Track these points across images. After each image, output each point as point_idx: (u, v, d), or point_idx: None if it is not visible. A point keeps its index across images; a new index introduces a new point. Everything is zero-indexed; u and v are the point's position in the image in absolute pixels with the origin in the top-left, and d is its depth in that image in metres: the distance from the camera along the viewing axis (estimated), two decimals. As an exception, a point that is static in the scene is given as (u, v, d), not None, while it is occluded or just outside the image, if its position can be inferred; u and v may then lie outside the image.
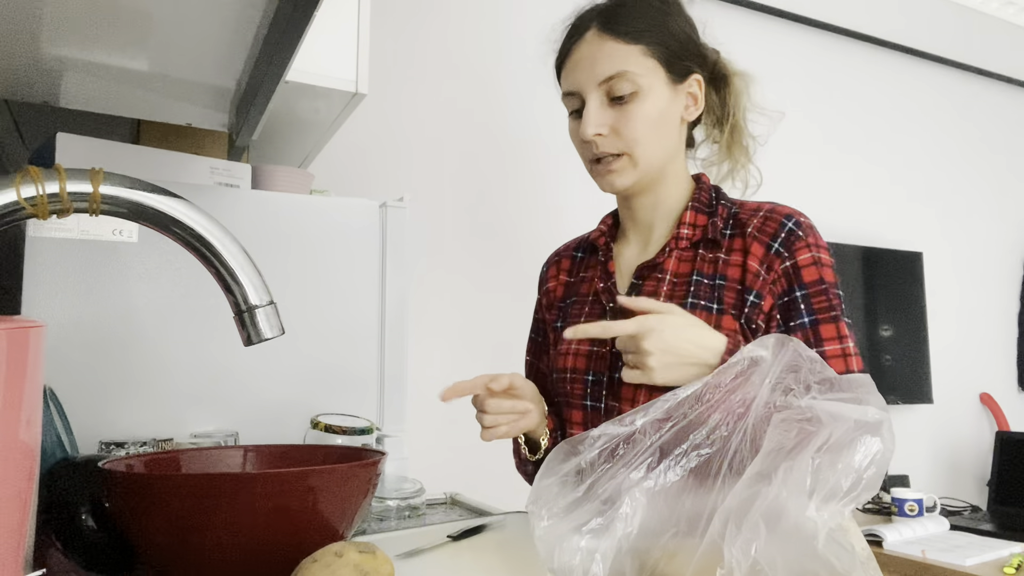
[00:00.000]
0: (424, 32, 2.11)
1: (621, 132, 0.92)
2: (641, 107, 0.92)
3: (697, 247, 0.96)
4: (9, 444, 0.41)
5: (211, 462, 0.79)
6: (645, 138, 0.93)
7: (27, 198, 0.53)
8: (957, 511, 2.64)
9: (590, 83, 0.93)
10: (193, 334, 1.12)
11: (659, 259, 0.97)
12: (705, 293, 0.92)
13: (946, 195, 3.16)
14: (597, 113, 0.93)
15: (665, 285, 0.95)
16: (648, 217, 1.01)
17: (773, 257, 0.90)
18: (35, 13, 0.82)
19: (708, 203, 0.98)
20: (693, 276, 0.94)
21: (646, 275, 0.97)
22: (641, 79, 0.92)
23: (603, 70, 0.92)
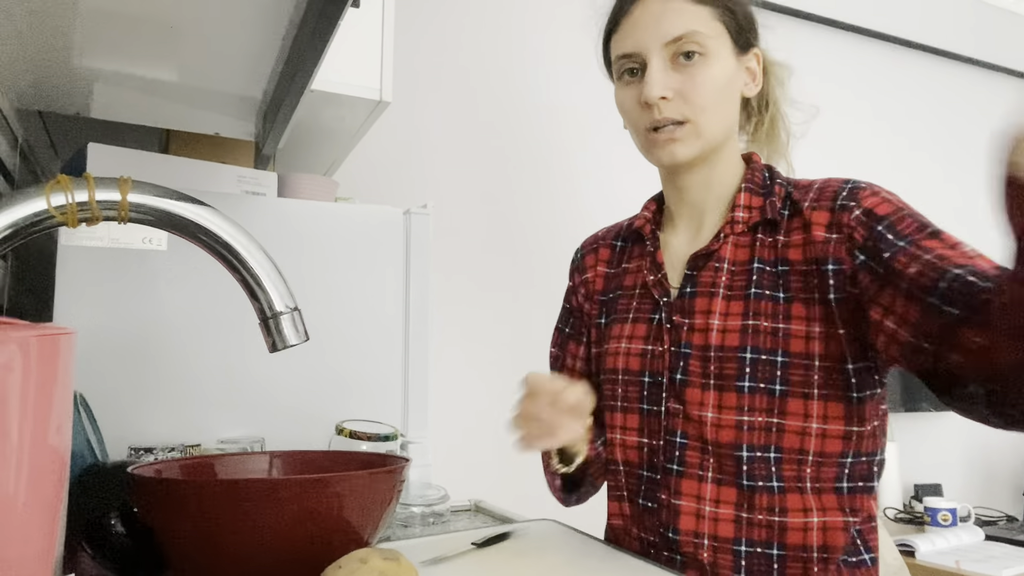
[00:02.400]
0: (447, 40, 2.12)
1: (688, 97, 0.85)
2: (709, 71, 0.85)
3: (755, 231, 0.88)
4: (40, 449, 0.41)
5: (238, 468, 0.79)
6: (712, 105, 0.86)
7: (57, 206, 0.54)
8: (992, 521, 2.58)
9: (654, 43, 0.85)
10: (220, 341, 1.13)
11: (714, 246, 0.88)
12: (768, 281, 0.84)
13: (976, 195, 3.10)
14: (662, 74, 0.85)
15: (724, 275, 0.87)
16: (700, 199, 0.93)
17: (839, 214, 0.81)
18: (68, 27, 0.84)
19: (762, 184, 0.90)
20: (754, 263, 0.86)
21: (701, 265, 0.89)
22: (710, 41, 0.85)
23: (670, 29, 0.85)
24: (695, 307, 0.87)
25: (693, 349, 0.86)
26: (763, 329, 0.82)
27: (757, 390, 0.81)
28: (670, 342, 0.88)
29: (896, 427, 2.69)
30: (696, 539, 0.84)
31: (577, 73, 2.24)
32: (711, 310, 0.86)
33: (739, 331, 0.83)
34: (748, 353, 0.82)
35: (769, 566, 0.81)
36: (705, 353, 0.85)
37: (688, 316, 0.88)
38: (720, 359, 0.84)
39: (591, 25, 0.96)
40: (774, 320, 0.82)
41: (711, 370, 0.84)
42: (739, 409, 0.82)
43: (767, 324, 0.82)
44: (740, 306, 0.84)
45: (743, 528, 0.82)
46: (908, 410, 2.66)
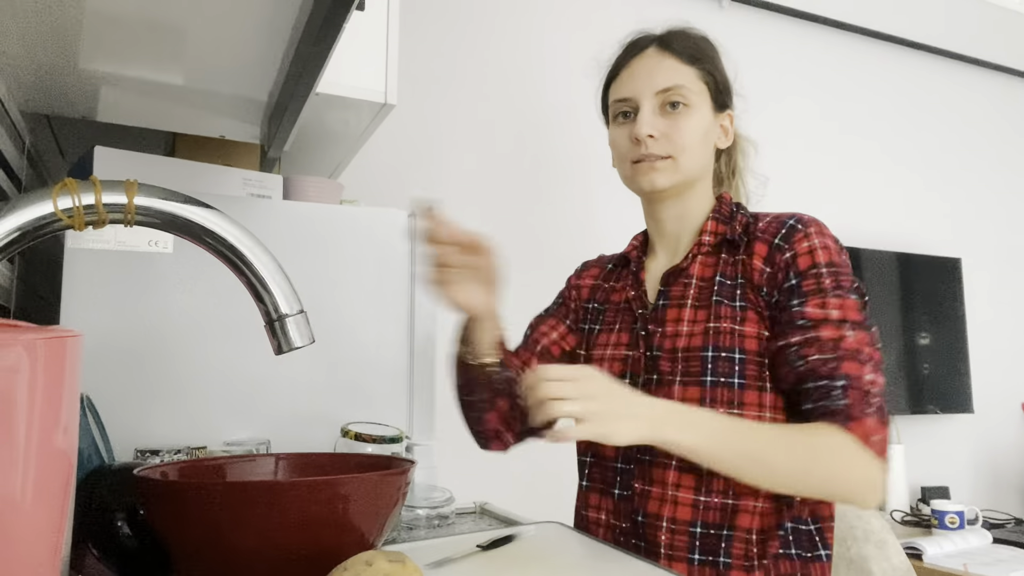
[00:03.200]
0: (452, 42, 2.12)
1: (671, 137, 0.99)
2: (690, 120, 1.00)
3: (720, 252, 1.00)
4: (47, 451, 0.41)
5: (243, 470, 0.79)
6: (690, 147, 1.00)
7: (64, 209, 0.54)
8: (1000, 524, 2.57)
9: (647, 91, 1.00)
10: (226, 343, 1.13)
11: (684, 264, 1.02)
12: (728, 292, 0.96)
13: (984, 199, 3.09)
14: (652, 117, 1.00)
15: (692, 288, 1.00)
16: (675, 228, 1.06)
17: (775, 252, 0.94)
18: (74, 31, 0.84)
19: (728, 214, 1.03)
20: (717, 278, 0.98)
21: (672, 280, 1.02)
22: (693, 96, 1.00)
23: (661, 81, 1.00)
24: (666, 316, 1.00)
25: (663, 352, 0.97)
26: (723, 330, 0.94)
27: (719, 384, 0.92)
28: (644, 347, 1.00)
29: (903, 430, 2.68)
30: (657, 522, 0.93)
31: (582, 76, 2.24)
32: (680, 318, 0.98)
33: (703, 333, 0.95)
34: (710, 351, 0.93)
35: (717, 546, 0.90)
36: (673, 355, 0.96)
37: (660, 324, 1.00)
38: (686, 358, 0.95)
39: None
40: (733, 323, 0.94)
41: (679, 368, 0.95)
42: (702, 401, 0.92)
43: (727, 326, 0.94)
44: (704, 313, 0.96)
45: (699, 512, 0.91)
46: (914, 412, 2.65)
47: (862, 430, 0.83)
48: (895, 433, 2.67)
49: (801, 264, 0.92)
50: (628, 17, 1.06)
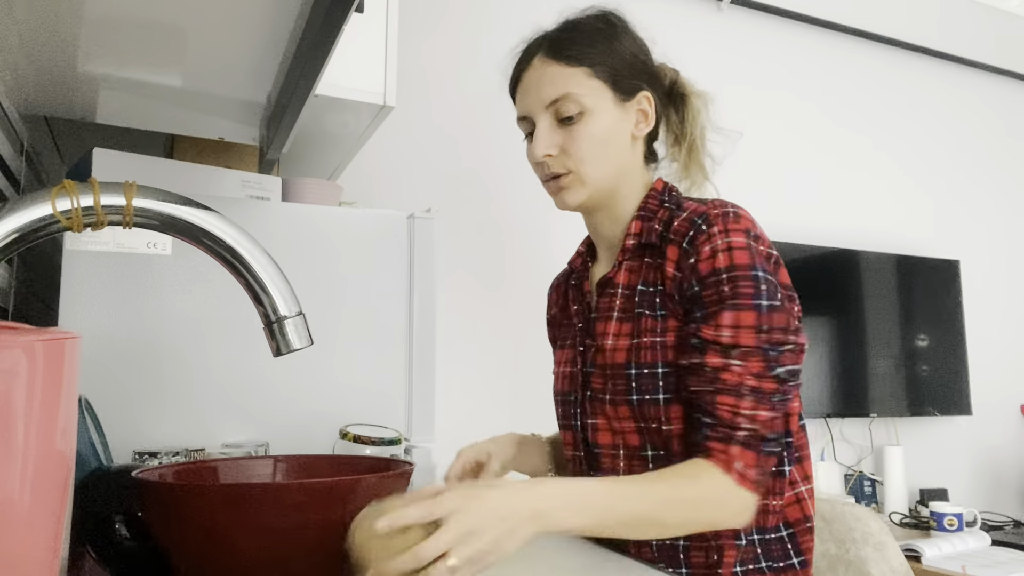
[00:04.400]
0: (450, 44, 2.13)
1: (569, 151, 0.94)
2: (587, 127, 0.93)
3: (643, 255, 0.95)
4: (45, 453, 0.41)
5: (242, 472, 0.79)
6: (591, 156, 0.94)
7: (62, 211, 0.54)
8: (999, 526, 2.57)
9: (538, 106, 0.96)
10: (225, 345, 1.13)
11: (611, 273, 0.97)
12: (648, 301, 0.92)
13: (983, 202, 3.10)
14: (546, 134, 0.95)
15: (618, 299, 0.95)
16: (609, 233, 1.01)
17: (682, 258, 0.88)
18: (73, 33, 0.84)
19: (654, 209, 0.97)
20: (639, 286, 0.93)
21: (602, 291, 0.98)
22: (585, 99, 0.93)
23: (548, 93, 0.94)
24: (596, 330, 0.96)
25: (595, 368, 0.95)
26: (644, 345, 0.89)
27: (644, 401, 0.89)
28: (583, 363, 0.98)
29: (902, 431, 2.68)
30: None
31: (581, 77, 2.25)
32: (607, 331, 0.95)
33: (627, 349, 0.91)
34: (633, 368, 0.90)
35: (676, 556, 0.88)
36: (604, 371, 0.93)
37: (593, 338, 0.97)
38: (613, 376, 0.92)
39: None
40: (653, 335, 0.89)
41: (608, 386, 0.92)
42: (634, 419, 0.90)
43: (647, 340, 0.89)
44: (629, 327, 0.92)
45: None
46: (914, 414, 2.65)
47: (725, 460, 0.80)
48: (895, 435, 2.67)
49: (702, 270, 0.86)
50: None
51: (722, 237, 0.86)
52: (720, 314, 0.83)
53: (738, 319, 0.83)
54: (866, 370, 2.57)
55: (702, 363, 0.83)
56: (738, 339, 0.82)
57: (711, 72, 2.40)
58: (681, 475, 0.80)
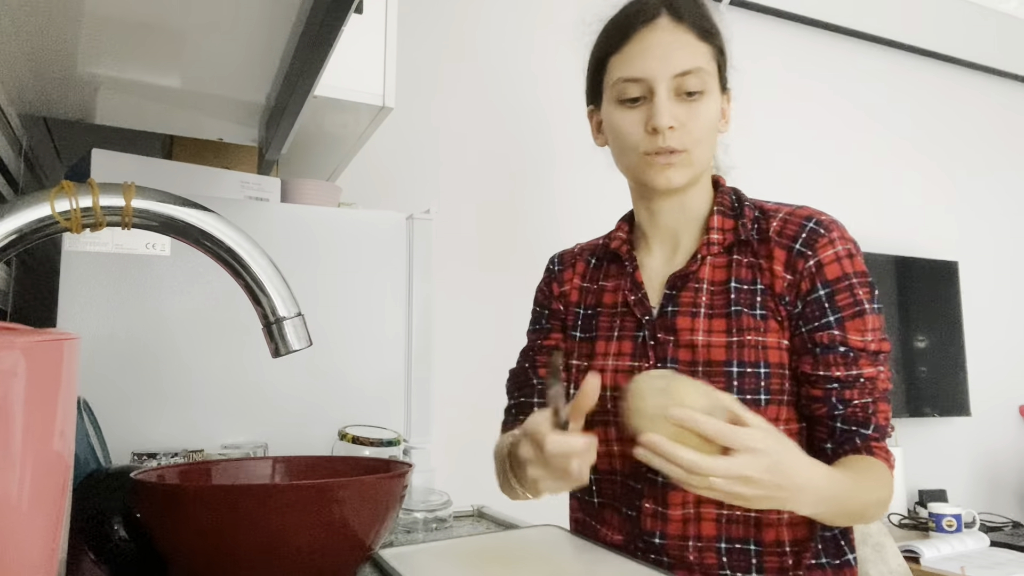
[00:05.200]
0: (450, 46, 2.13)
1: (688, 128, 0.89)
2: (707, 107, 0.89)
3: (731, 252, 0.93)
4: (43, 454, 0.41)
5: (240, 473, 0.79)
6: (705, 139, 0.90)
7: (61, 212, 0.54)
8: (997, 527, 2.57)
9: (664, 73, 0.88)
10: (223, 346, 1.13)
11: (692, 267, 0.93)
12: (747, 299, 0.89)
13: (982, 203, 3.10)
14: (669, 105, 0.88)
15: (703, 295, 0.91)
16: (673, 223, 0.97)
17: (796, 259, 0.88)
18: (72, 34, 0.84)
19: (732, 206, 0.96)
20: (731, 283, 0.90)
21: (680, 285, 0.93)
22: (709, 79, 0.90)
23: (680, 62, 0.88)
24: (677, 325, 0.91)
25: (680, 364, 0.89)
26: (747, 343, 0.87)
27: (745, 401, 0.85)
28: (655, 358, 0.92)
29: (901, 432, 2.68)
30: (682, 541, 0.88)
31: (580, 79, 2.25)
32: (695, 328, 0.90)
33: (724, 346, 0.88)
34: (735, 367, 0.87)
35: (748, 561, 0.87)
36: (692, 368, 0.89)
37: (671, 333, 0.91)
38: (708, 373, 0.88)
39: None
40: (756, 334, 0.88)
41: None
42: None
43: (751, 338, 0.88)
44: (723, 323, 0.89)
45: (723, 526, 0.87)
46: (912, 415, 2.66)
47: (886, 457, 0.86)
48: (894, 436, 2.67)
49: (829, 274, 0.86)
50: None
51: (843, 243, 0.88)
52: (862, 318, 0.86)
53: (876, 323, 0.87)
54: (865, 371, 2.57)
55: (859, 374, 0.85)
56: (880, 345, 0.87)
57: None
58: (874, 474, 0.83)
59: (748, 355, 0.87)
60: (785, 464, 0.72)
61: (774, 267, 0.89)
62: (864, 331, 0.86)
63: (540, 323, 1.09)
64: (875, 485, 0.83)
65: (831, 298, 0.86)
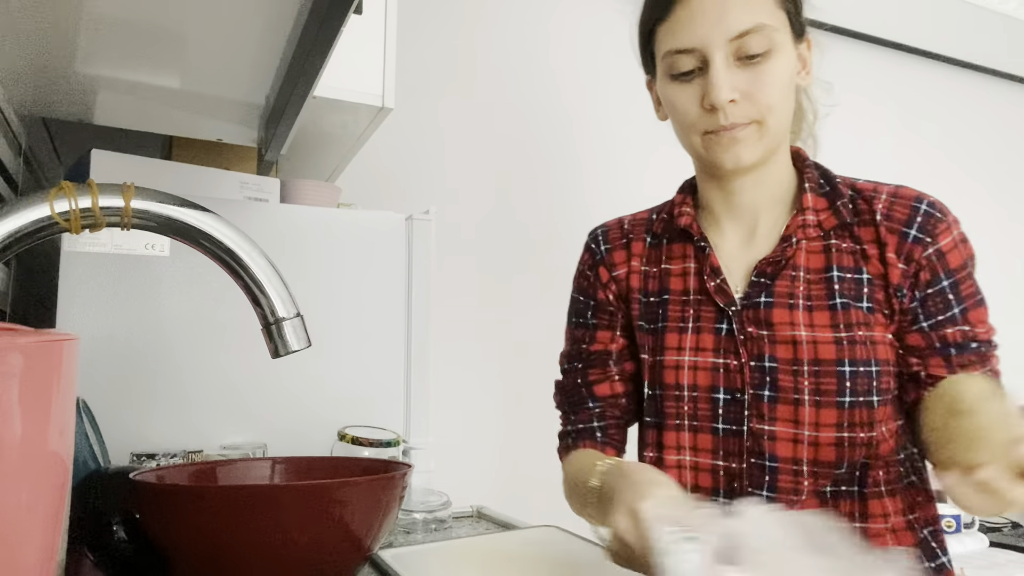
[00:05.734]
0: (449, 46, 2.13)
1: (755, 97, 0.77)
2: (776, 67, 0.78)
3: (828, 236, 0.83)
4: (42, 455, 0.41)
5: (240, 474, 0.79)
6: (779, 104, 0.79)
7: (60, 213, 0.54)
8: (997, 527, 2.57)
9: (718, 38, 0.76)
10: (223, 347, 1.13)
11: (787, 253, 0.82)
12: (851, 290, 0.80)
13: (981, 203, 3.10)
14: (728, 75, 0.77)
15: (801, 284, 0.81)
16: (752, 201, 0.86)
17: (912, 245, 0.79)
18: (71, 34, 0.84)
19: (821, 183, 0.86)
20: (833, 271, 0.81)
21: (772, 272, 0.83)
22: (776, 35, 0.77)
23: (736, 23, 0.76)
24: (773, 318, 0.81)
25: (779, 363, 0.80)
26: (858, 339, 0.79)
27: (858, 404, 0.78)
28: (748, 355, 0.82)
29: (899, 433, 2.68)
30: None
31: (581, 78, 2.25)
32: (794, 321, 0.81)
33: (833, 343, 0.79)
34: (847, 366, 0.78)
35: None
36: (796, 367, 0.79)
37: (766, 328, 0.81)
38: (816, 373, 0.79)
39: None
40: (866, 329, 0.79)
41: (805, 385, 0.79)
42: (839, 426, 0.78)
43: (861, 334, 0.79)
44: (826, 317, 0.80)
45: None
46: (911, 416, 2.65)
47: None
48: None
49: (952, 262, 0.79)
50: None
51: (957, 227, 0.81)
52: (983, 307, 0.81)
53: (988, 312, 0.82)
54: (864, 372, 2.57)
55: (990, 370, 0.80)
56: (994, 332, 0.83)
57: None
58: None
59: (860, 353, 0.78)
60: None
61: (886, 254, 0.79)
62: (986, 320, 0.81)
63: (584, 318, 0.96)
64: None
65: (955, 288, 0.79)
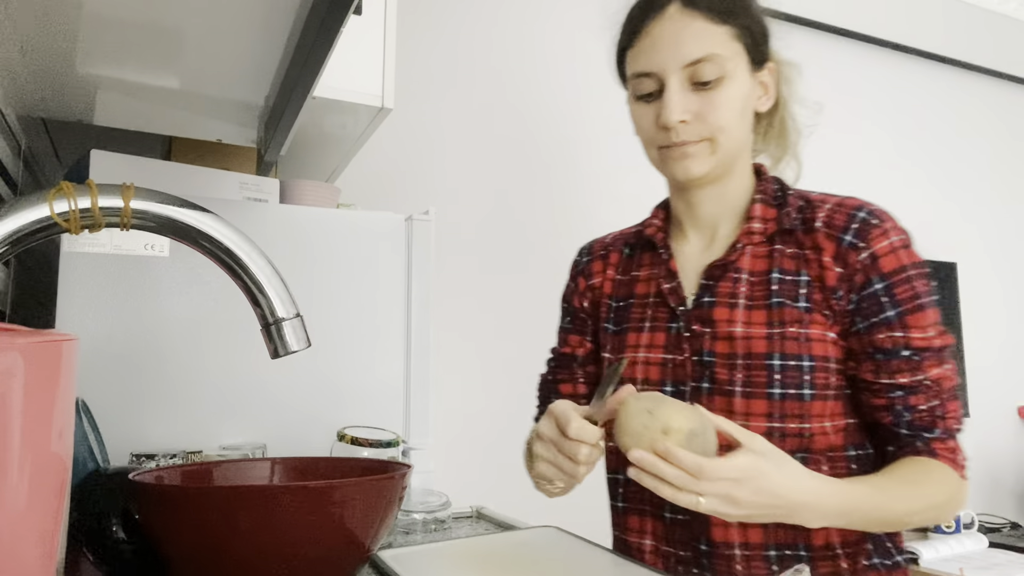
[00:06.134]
0: (449, 47, 2.13)
1: (707, 118, 0.85)
2: (727, 93, 0.85)
3: (772, 242, 0.89)
4: (42, 456, 0.41)
5: (239, 474, 0.79)
6: (729, 125, 0.86)
7: (60, 213, 0.54)
8: (996, 528, 2.57)
9: (673, 65, 0.85)
10: (222, 347, 1.13)
11: (731, 257, 0.89)
12: (790, 291, 0.85)
13: (980, 204, 3.10)
14: (681, 98, 0.85)
15: (743, 285, 0.88)
16: (711, 212, 0.94)
17: (847, 250, 0.84)
18: (71, 34, 0.84)
19: (774, 195, 0.92)
20: (773, 273, 0.87)
21: (718, 275, 0.90)
22: (728, 63, 0.85)
23: (689, 51, 0.84)
24: (714, 316, 0.88)
25: (717, 357, 0.86)
26: (789, 335, 0.84)
27: (788, 396, 0.83)
28: (691, 351, 0.88)
29: (899, 433, 2.68)
30: (728, 550, 0.84)
31: (579, 79, 2.25)
32: (732, 319, 0.86)
33: (765, 338, 0.84)
34: (777, 359, 0.83)
35: None
36: (731, 361, 0.85)
37: (708, 325, 0.88)
38: (748, 367, 0.84)
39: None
40: (799, 326, 0.84)
41: (738, 378, 0.84)
42: (769, 416, 0.83)
43: (793, 330, 0.84)
44: (763, 315, 0.85)
45: (771, 532, 0.84)
46: (911, 416, 2.65)
47: (952, 458, 0.82)
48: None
49: (885, 266, 0.83)
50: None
51: (897, 234, 0.85)
52: (923, 312, 0.82)
53: (936, 316, 0.83)
54: (864, 372, 2.57)
55: (925, 378, 0.82)
56: (944, 339, 0.83)
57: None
58: (927, 478, 0.80)
59: (790, 347, 0.83)
60: (775, 484, 0.71)
61: (822, 259, 0.85)
62: (925, 326, 0.82)
63: (563, 323, 1.07)
64: (925, 491, 0.79)
65: (889, 291, 0.82)
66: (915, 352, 0.82)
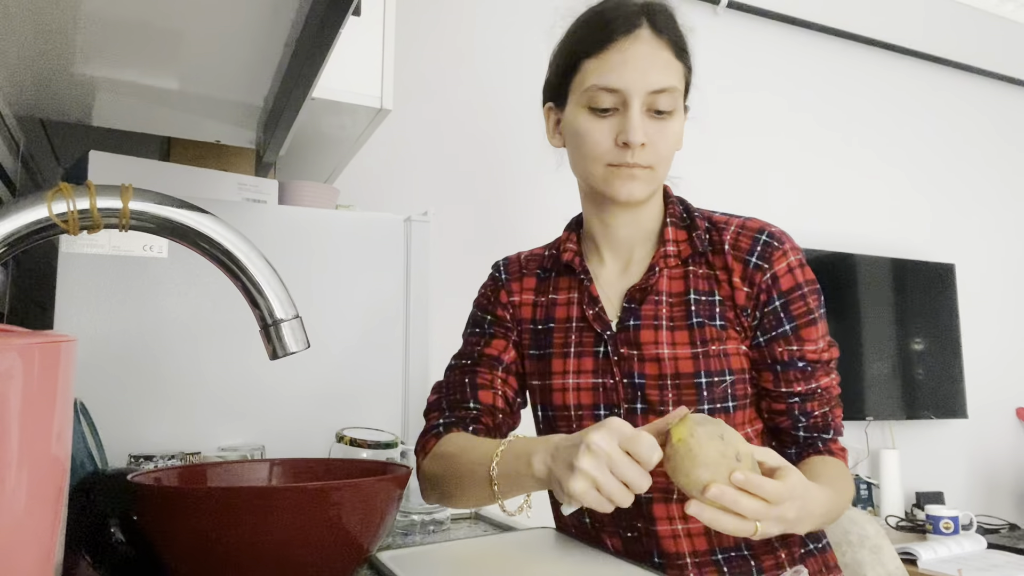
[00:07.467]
0: (447, 48, 2.13)
1: (656, 147, 0.88)
2: (674, 126, 0.89)
3: (686, 264, 0.93)
4: (40, 457, 0.41)
5: (238, 476, 0.79)
6: (669, 158, 0.91)
7: (58, 214, 0.54)
8: (994, 529, 2.57)
9: (641, 88, 0.86)
10: (221, 348, 1.13)
11: (651, 280, 0.92)
12: (706, 310, 0.90)
13: (978, 205, 3.11)
14: (642, 121, 0.86)
15: (664, 307, 0.91)
16: (628, 235, 0.96)
17: (753, 272, 0.89)
18: (70, 35, 0.84)
19: (682, 217, 0.96)
20: (690, 295, 0.91)
21: (639, 298, 0.92)
22: (678, 99, 0.89)
23: (658, 80, 0.86)
24: (641, 339, 0.91)
25: (647, 379, 0.89)
26: (711, 353, 0.89)
27: (716, 410, 0.88)
28: (621, 374, 0.91)
29: (897, 435, 2.69)
30: (679, 560, 0.88)
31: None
32: (658, 341, 0.90)
33: (691, 358, 0.88)
34: (703, 377, 0.88)
35: (748, 566, 0.88)
36: (661, 381, 0.88)
37: (636, 348, 0.91)
38: (677, 386, 0.88)
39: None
40: (719, 344, 0.89)
41: (669, 397, 0.88)
42: None
43: (714, 348, 0.89)
44: (685, 335, 0.90)
45: (715, 538, 0.88)
46: (909, 417, 2.66)
47: (844, 456, 0.93)
48: (891, 438, 2.67)
49: (783, 285, 0.89)
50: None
51: (794, 254, 0.90)
52: (815, 326, 0.89)
53: (824, 329, 0.91)
54: (862, 373, 2.58)
55: (817, 387, 0.90)
56: (831, 352, 0.91)
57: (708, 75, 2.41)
58: (839, 476, 0.87)
59: (713, 365, 0.88)
60: (809, 501, 0.73)
61: (733, 279, 0.90)
62: (816, 339, 0.90)
63: (482, 327, 1.04)
64: (845, 486, 0.87)
65: (786, 308, 0.89)
66: (808, 364, 0.89)
